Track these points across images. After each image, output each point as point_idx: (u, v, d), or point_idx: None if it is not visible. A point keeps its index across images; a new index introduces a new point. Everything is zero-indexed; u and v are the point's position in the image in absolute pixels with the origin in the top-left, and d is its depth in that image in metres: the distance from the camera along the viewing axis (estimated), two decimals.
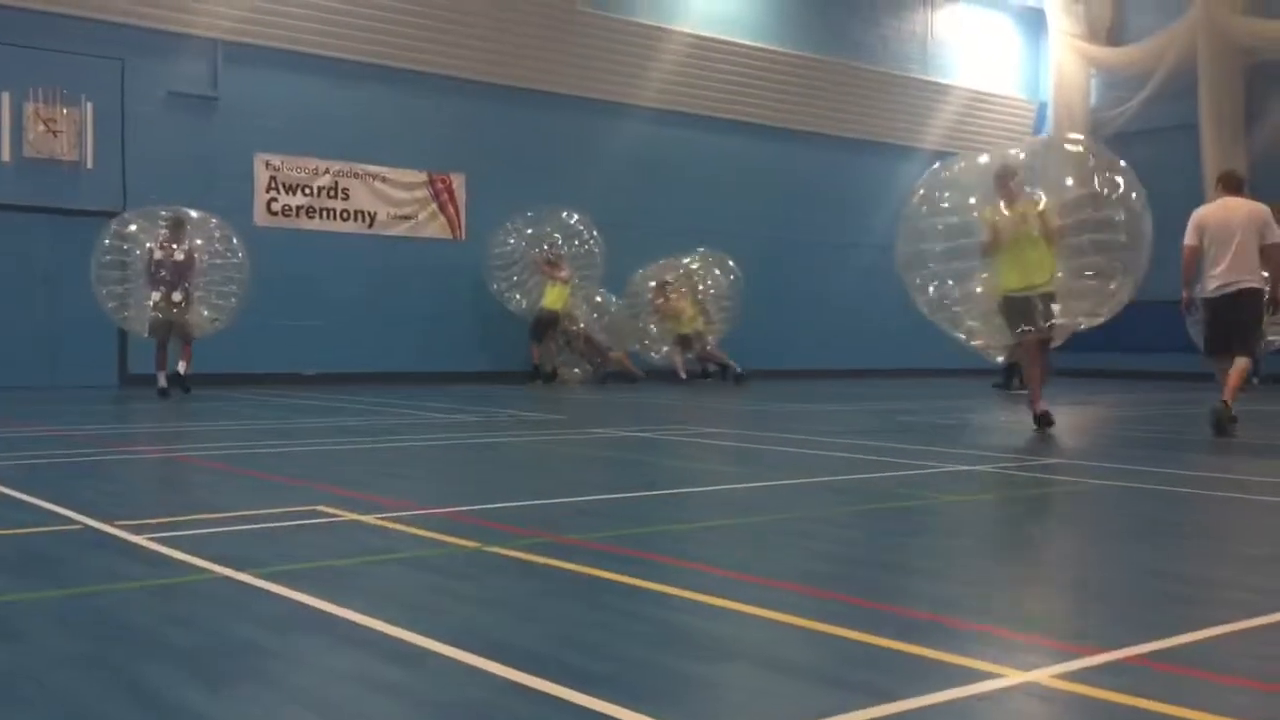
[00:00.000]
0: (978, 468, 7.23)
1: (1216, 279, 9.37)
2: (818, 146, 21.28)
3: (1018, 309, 9.22)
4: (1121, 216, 9.44)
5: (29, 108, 14.47)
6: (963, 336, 10.04)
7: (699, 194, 19.65)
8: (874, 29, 22.41)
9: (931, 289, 9.96)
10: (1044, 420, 9.33)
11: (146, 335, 13.48)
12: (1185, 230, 9.59)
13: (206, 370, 14.59)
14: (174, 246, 13.29)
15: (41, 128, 14.56)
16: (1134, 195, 9.45)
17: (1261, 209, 9.45)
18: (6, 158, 14.37)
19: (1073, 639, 3.16)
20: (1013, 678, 2.70)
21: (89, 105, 14.86)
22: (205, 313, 13.54)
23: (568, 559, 4.03)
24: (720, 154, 20.19)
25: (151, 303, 13.24)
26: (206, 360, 14.57)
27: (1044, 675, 2.71)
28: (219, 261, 13.75)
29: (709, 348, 18.31)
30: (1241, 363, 9.29)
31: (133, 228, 13.77)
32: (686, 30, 19.75)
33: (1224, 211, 9.48)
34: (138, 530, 4.51)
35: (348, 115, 16.81)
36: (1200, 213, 9.69)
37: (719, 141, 20.21)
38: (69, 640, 3.05)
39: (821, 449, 8.38)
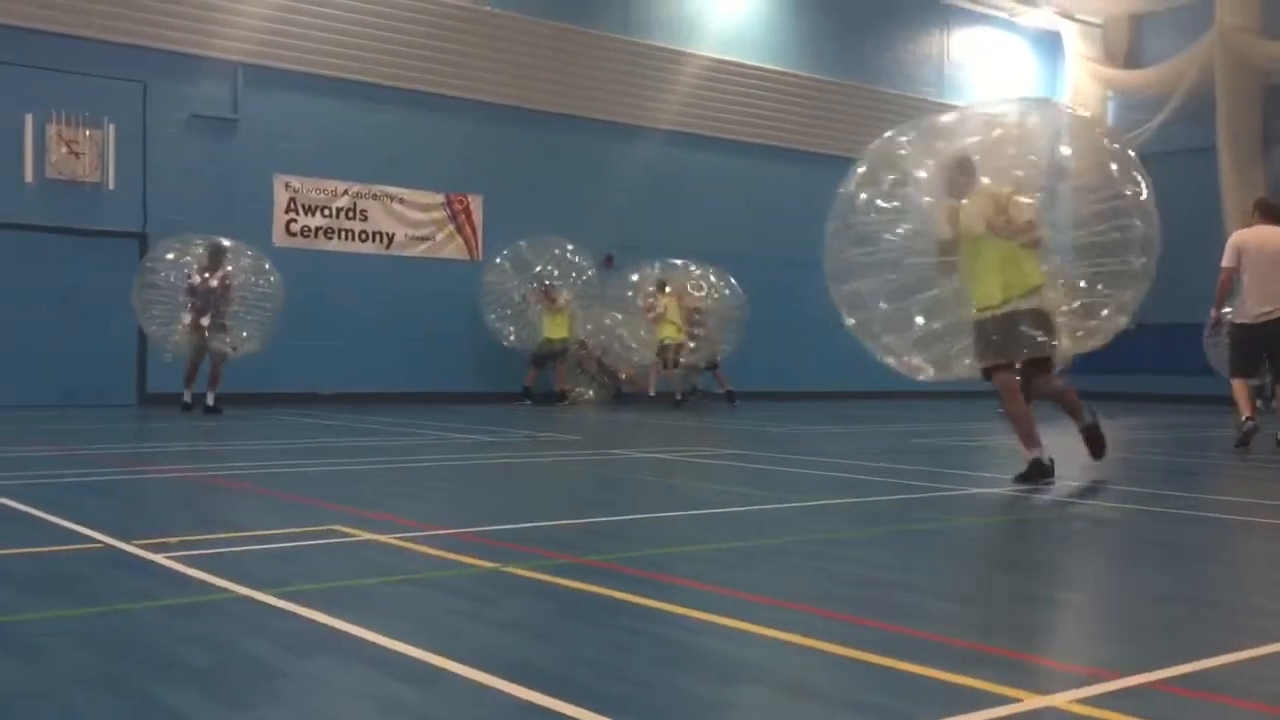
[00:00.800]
0: (993, 490, 7.20)
1: (1254, 304, 9.38)
2: (833, 169, 21.28)
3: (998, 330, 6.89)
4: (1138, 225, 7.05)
5: (51, 129, 14.61)
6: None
7: (713, 215, 19.70)
8: (889, 52, 22.47)
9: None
10: (1045, 471, 7.03)
11: (171, 358, 13.98)
12: (1223, 252, 9.61)
13: (224, 390, 14.65)
14: (209, 275, 13.68)
15: (64, 149, 14.70)
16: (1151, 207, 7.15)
17: None
18: (29, 179, 14.50)
19: (1092, 663, 3.14)
20: (1031, 702, 2.68)
21: (111, 127, 14.99)
22: (244, 334, 13.92)
23: (584, 580, 4.03)
24: (734, 175, 20.24)
25: (181, 326, 13.73)
26: (224, 380, 14.69)
27: (1063, 700, 2.70)
28: (253, 290, 14.12)
29: (715, 370, 18.23)
30: None
31: (170, 255, 14.15)
32: (703, 53, 19.84)
33: (1260, 238, 9.50)
34: (157, 549, 4.53)
35: (366, 137, 16.92)
36: (1239, 236, 9.72)
37: (733, 163, 20.27)
38: (87, 659, 3.06)
39: (836, 470, 8.36)
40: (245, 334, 13.95)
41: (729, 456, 9.52)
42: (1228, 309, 9.92)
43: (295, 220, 16.50)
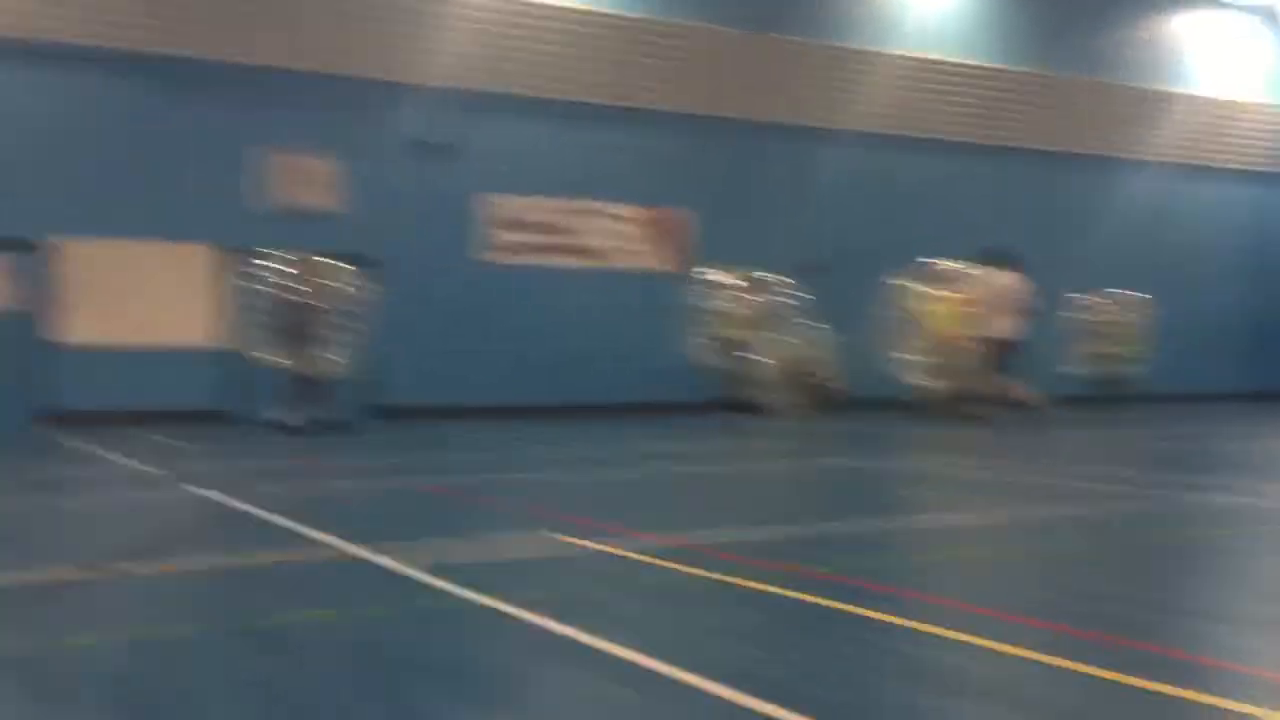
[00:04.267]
0: (1240, 499, 6.83)
1: None
2: (1044, 165, 20.60)
3: None
4: None
5: (283, 160, 15.59)
6: None
7: (926, 218, 19.29)
8: (1103, 41, 21.53)
9: None
10: None
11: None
12: None
13: (432, 402, 15.33)
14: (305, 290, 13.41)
15: (295, 177, 15.66)
16: None
17: None
18: (260, 207, 15.47)
19: None
20: None
21: (337, 156, 15.87)
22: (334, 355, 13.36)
23: (808, 590, 4.06)
24: (943, 177, 19.78)
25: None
26: (428, 392, 15.47)
27: None
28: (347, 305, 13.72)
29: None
30: None
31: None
32: (902, 52, 19.49)
33: None
34: (393, 556, 4.79)
35: (570, 155, 17.35)
36: None
37: (940, 164, 19.82)
38: (337, 658, 3.29)
39: (1072, 479, 8.09)
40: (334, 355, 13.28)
41: (956, 465, 9.34)
42: None
43: (506, 237, 17.07)
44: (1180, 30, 22.41)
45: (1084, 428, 13.64)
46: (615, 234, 17.78)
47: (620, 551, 4.95)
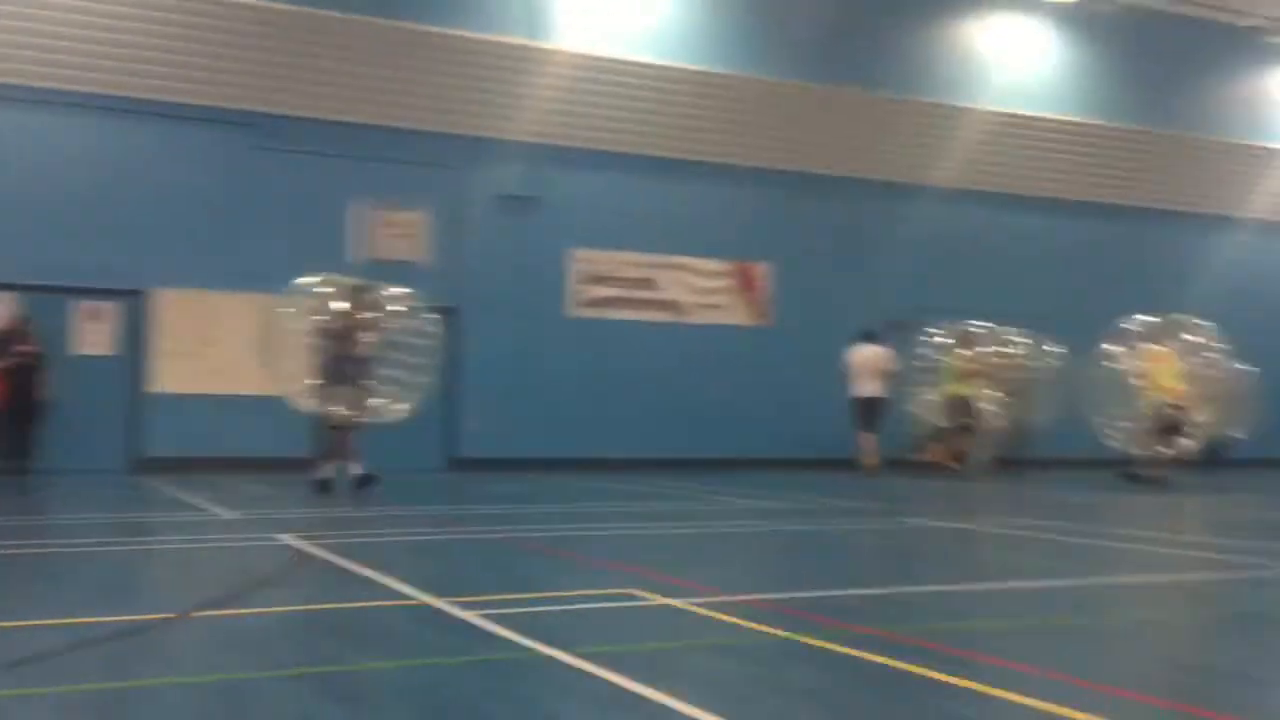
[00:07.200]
0: None
1: None
2: (1138, 222, 20.23)
3: None
4: None
5: (376, 214, 15.93)
6: None
7: (1009, 275, 19.02)
8: (1199, 94, 21.17)
9: None
10: None
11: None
12: None
13: (517, 455, 15.50)
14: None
15: (387, 231, 15.99)
16: None
17: None
18: (355, 258, 15.78)
19: None
20: None
21: (427, 209, 16.17)
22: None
23: (879, 652, 3.96)
24: (1029, 234, 19.51)
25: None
26: (518, 445, 15.74)
27: None
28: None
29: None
30: None
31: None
32: (991, 108, 19.34)
33: None
34: (466, 606, 4.79)
35: (656, 209, 17.46)
36: None
37: (1027, 221, 19.55)
38: (403, 707, 3.28)
39: (1162, 545, 7.84)
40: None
41: (1037, 528, 9.11)
42: None
43: (588, 291, 17.19)
44: (1274, 84, 21.96)
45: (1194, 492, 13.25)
46: (698, 288, 17.79)
47: (691, 607, 4.89)
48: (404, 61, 16.00)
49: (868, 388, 15.97)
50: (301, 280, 11.80)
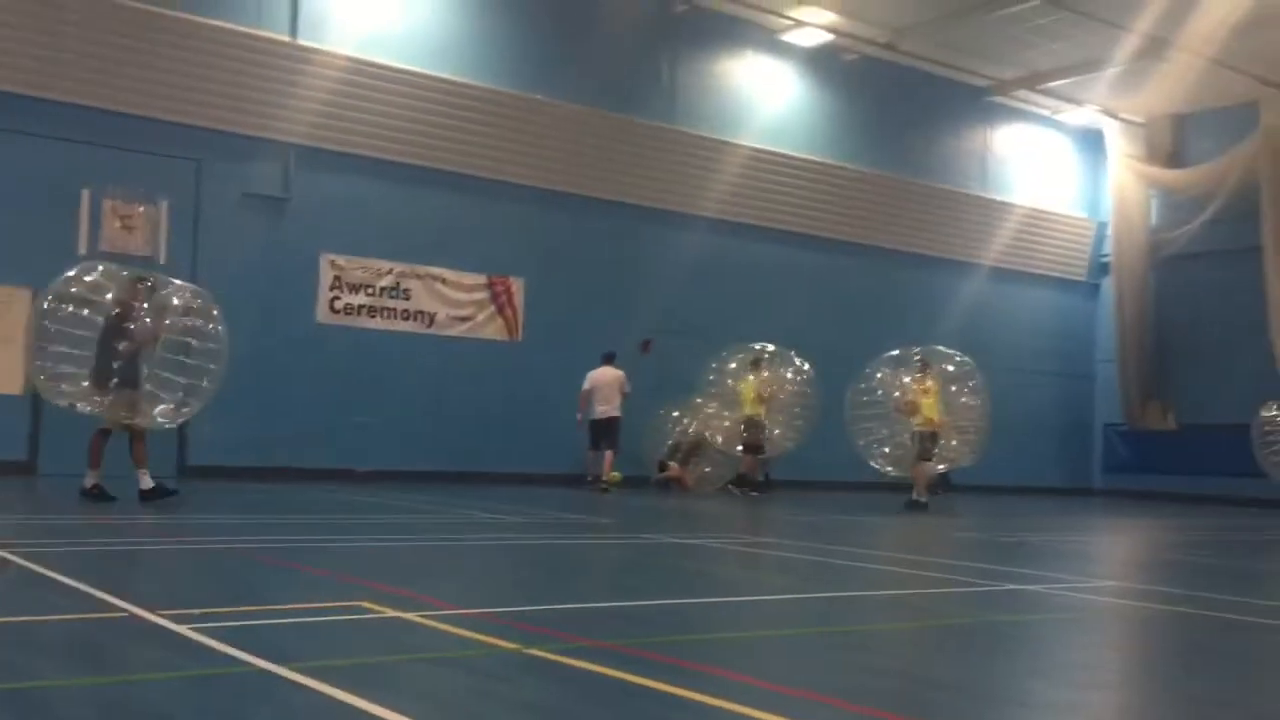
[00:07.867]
0: (1030, 587, 7.07)
1: None
2: (875, 259, 21.39)
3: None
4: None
5: (107, 204, 14.97)
6: None
7: (755, 302, 19.72)
8: (933, 145, 22.63)
9: None
10: None
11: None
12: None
13: (257, 464, 14.86)
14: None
15: (118, 224, 15.03)
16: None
17: None
18: (83, 251, 14.80)
19: None
20: None
21: (165, 204, 15.32)
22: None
23: (608, 664, 3.98)
24: (775, 264, 20.33)
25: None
26: (258, 454, 15.12)
27: None
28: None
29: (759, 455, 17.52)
30: None
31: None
32: (746, 143, 20.06)
33: None
34: (180, 620, 4.52)
35: (412, 218, 17.17)
36: None
37: (774, 251, 20.36)
38: None
39: (872, 562, 8.25)
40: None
41: (764, 545, 9.43)
42: None
43: (339, 298, 16.71)
44: (1008, 143, 23.73)
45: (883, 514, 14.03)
46: (452, 300, 17.61)
47: (420, 620, 4.78)
48: (148, 46, 15.16)
49: (605, 408, 16.83)
50: (73, 272, 10.62)
